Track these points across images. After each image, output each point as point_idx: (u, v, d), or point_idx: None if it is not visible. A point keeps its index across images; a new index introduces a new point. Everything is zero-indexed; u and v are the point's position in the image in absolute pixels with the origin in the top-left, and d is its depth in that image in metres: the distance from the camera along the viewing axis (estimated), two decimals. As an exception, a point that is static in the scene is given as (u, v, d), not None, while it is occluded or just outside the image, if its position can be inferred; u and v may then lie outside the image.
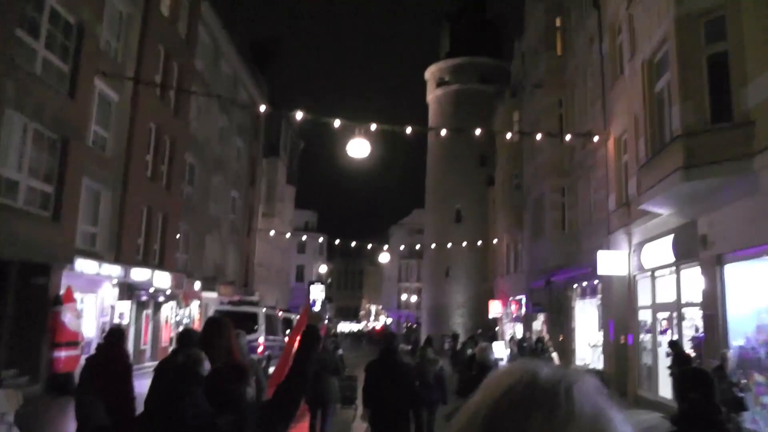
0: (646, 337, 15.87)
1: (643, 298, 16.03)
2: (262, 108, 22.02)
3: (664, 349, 14.48)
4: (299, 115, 16.87)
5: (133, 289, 20.24)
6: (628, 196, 17.29)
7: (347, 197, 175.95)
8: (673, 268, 13.78)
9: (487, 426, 0.73)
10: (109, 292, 19.12)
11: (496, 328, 39.36)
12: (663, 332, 14.65)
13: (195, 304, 27.11)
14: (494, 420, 0.73)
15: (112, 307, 19.15)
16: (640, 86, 14.12)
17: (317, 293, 37.70)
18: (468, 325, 46.64)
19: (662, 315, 14.83)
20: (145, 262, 21.29)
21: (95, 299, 18.58)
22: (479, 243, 41.57)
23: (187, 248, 26.93)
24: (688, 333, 13.18)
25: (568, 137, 19.93)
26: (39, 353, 14.27)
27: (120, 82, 18.93)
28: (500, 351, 28.14)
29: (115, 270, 18.71)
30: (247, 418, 2.85)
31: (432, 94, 54.99)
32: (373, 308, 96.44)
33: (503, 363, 27.52)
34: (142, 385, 5.44)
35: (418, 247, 52.68)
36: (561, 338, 24.49)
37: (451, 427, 0.79)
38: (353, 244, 39.79)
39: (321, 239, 52.76)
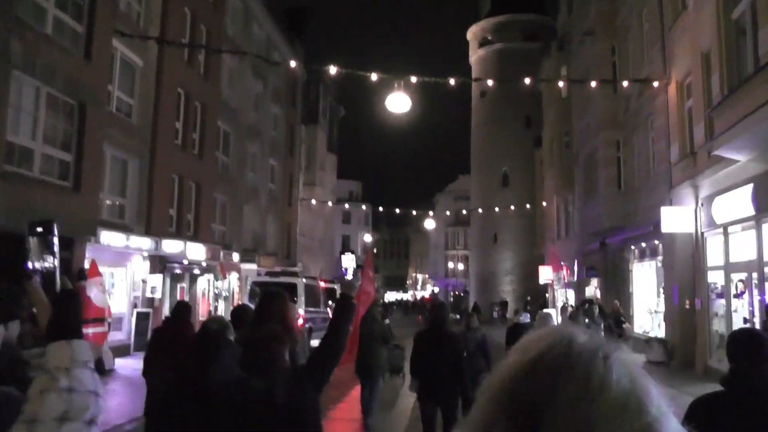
0: (717, 302, 14.30)
1: (714, 257, 14.40)
2: (293, 64, 20.90)
3: (740, 315, 12.94)
4: (333, 69, 15.68)
5: (166, 262, 19.58)
6: (694, 144, 15.57)
7: (391, 166, 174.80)
8: (753, 222, 12.13)
9: (521, 387, 0.73)
10: (139, 266, 18.48)
11: (547, 295, 37.87)
12: (739, 295, 13.06)
13: (234, 277, 26.47)
14: (529, 382, 0.73)
15: (144, 281, 18.51)
16: (713, 16, 12.39)
17: (349, 262, 37.02)
18: (517, 293, 45.31)
19: (738, 276, 13.21)
20: (178, 234, 20.60)
21: (125, 273, 17.95)
22: (527, 207, 39.88)
23: (224, 219, 26.23)
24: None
25: (625, 83, 18.14)
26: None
27: (144, 45, 18.01)
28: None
29: (144, 242, 18.02)
30: (279, 383, 2.85)
31: (475, 55, 53.07)
32: (420, 277, 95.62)
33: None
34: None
35: (464, 211, 51.18)
36: (618, 303, 22.94)
37: (485, 388, 0.79)
38: (397, 211, 38.65)
39: (364, 207, 51.72)
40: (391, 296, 79.42)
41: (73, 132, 14.26)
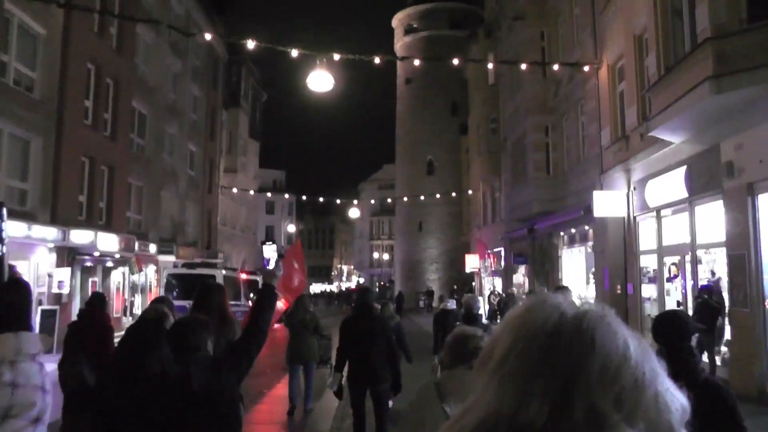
0: (649, 286, 14.32)
1: (646, 241, 14.41)
2: (208, 36, 19.60)
3: (673, 298, 12.95)
4: (252, 44, 14.64)
5: (75, 253, 18.00)
6: (626, 128, 15.56)
7: (315, 155, 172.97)
8: (686, 204, 12.09)
9: (547, 366, 0.73)
10: (44, 258, 16.84)
11: (473, 283, 38.00)
12: (671, 279, 13.06)
13: (151, 269, 24.94)
14: (554, 359, 0.74)
15: (50, 275, 16.90)
16: (648, -6, 12.19)
17: (270, 252, 36.37)
18: (443, 281, 45.35)
19: (671, 260, 13.22)
20: (88, 223, 18.99)
21: (27, 267, 16.32)
22: (453, 194, 39.85)
23: (139, 206, 24.60)
24: (705, 278, 11.56)
25: (555, 67, 17.97)
26: None
27: (47, 12, 16.33)
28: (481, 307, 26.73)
29: (50, 232, 16.43)
30: (195, 369, 2.87)
31: (401, 42, 52.56)
32: (345, 268, 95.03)
33: (483, 319, 26.04)
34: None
35: (389, 200, 50.81)
36: (545, 291, 23.05)
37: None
38: (321, 199, 37.75)
39: (287, 196, 50.39)
40: (316, 287, 78.41)
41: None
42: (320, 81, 14.91)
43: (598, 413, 0.70)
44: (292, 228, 70.62)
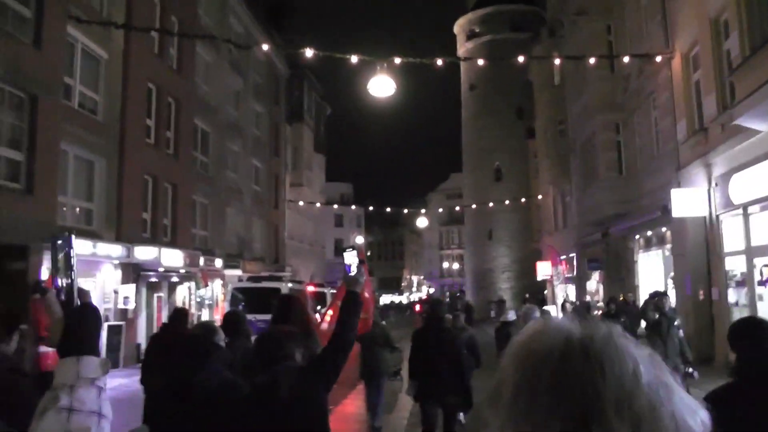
0: (738, 291, 13.05)
1: (732, 242, 13.17)
2: (265, 47, 19.62)
3: (766, 304, 11.71)
4: (310, 52, 14.42)
5: (140, 270, 18.22)
6: (704, 119, 14.37)
7: (382, 167, 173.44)
8: (778, 199, 10.91)
9: (562, 397, 0.70)
10: (110, 275, 17.09)
11: (545, 291, 36.65)
12: (764, 282, 11.82)
13: (217, 284, 25.12)
14: (547, 388, 0.71)
15: (116, 292, 17.12)
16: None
17: (351, 258, 35.66)
18: (515, 290, 44.09)
19: (762, 261, 11.98)
20: (153, 240, 19.22)
21: (94, 283, 16.58)
22: (522, 201, 38.66)
23: (205, 223, 24.88)
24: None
25: (626, 59, 16.88)
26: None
27: (108, 36, 16.71)
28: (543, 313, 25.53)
29: (115, 249, 16.64)
30: (283, 379, 2.88)
31: (463, 48, 51.92)
32: (415, 278, 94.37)
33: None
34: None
35: (457, 208, 50.04)
36: (621, 297, 21.71)
37: (491, 398, 0.78)
38: (388, 210, 37.40)
39: (354, 207, 50.29)
40: (386, 299, 78.13)
41: (24, 127, 12.92)
42: (382, 86, 14.52)
43: None
44: (360, 239, 70.76)
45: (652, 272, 19.41)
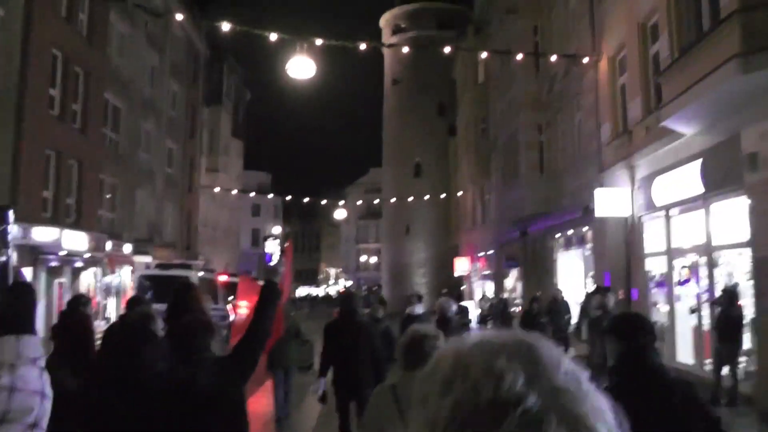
0: (658, 291, 13.31)
1: (653, 243, 13.41)
2: (179, 17, 18.53)
3: (685, 304, 11.96)
4: (228, 26, 13.57)
5: (38, 253, 16.72)
6: (628, 122, 14.60)
7: (301, 158, 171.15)
8: (700, 202, 11.10)
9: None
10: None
11: (462, 288, 37.00)
12: (683, 283, 12.07)
13: (126, 270, 23.64)
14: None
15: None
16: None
17: (272, 247, 35.19)
18: (431, 285, 44.27)
19: (681, 262, 12.23)
20: (55, 220, 17.71)
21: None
22: (442, 196, 38.84)
23: (113, 205, 23.34)
24: (723, 283, 10.56)
25: (553, 58, 16.98)
26: None
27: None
28: (471, 312, 25.65)
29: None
30: (202, 372, 2.83)
31: (388, 42, 51.65)
32: (332, 271, 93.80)
33: (473, 325, 24.85)
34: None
35: (376, 201, 49.82)
36: (539, 294, 22.04)
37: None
38: (306, 199, 36.59)
39: (271, 196, 49.03)
40: (303, 291, 77.20)
41: None
42: (301, 67, 13.91)
43: (556, 386, 0.71)
44: (277, 229, 69.53)
45: (571, 271, 19.73)
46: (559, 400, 0.71)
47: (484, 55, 18.04)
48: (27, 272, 15.72)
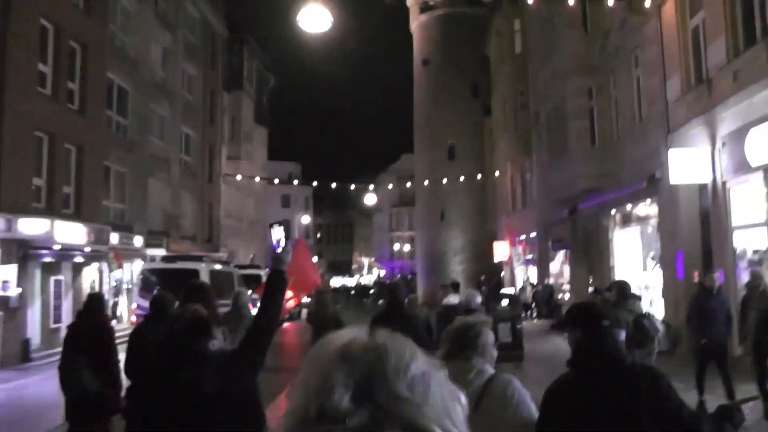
0: (749, 271, 10.84)
1: (744, 213, 10.96)
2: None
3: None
4: None
5: (27, 247, 14.95)
6: (706, 71, 12.11)
7: (331, 147, 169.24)
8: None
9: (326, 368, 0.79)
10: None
11: (502, 274, 34.65)
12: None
13: (138, 265, 21.89)
14: (333, 364, 0.80)
15: (-11, 274, 13.85)
16: None
17: (278, 234, 33.38)
18: (469, 272, 41.95)
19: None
20: (50, 211, 15.94)
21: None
22: (479, 177, 36.37)
23: (122, 195, 21.60)
24: None
25: (610, 2, 14.44)
26: None
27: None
28: (512, 299, 23.32)
29: (-14, 219, 13.39)
30: (207, 372, 2.78)
31: (416, 22, 49.21)
32: (366, 261, 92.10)
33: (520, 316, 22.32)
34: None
35: (408, 185, 47.69)
36: (591, 281, 19.63)
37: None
38: (333, 185, 34.57)
39: (296, 183, 47.03)
40: (337, 282, 75.68)
41: None
42: (315, 19, 11.76)
43: (397, 395, 0.76)
44: (306, 219, 68.00)
45: (629, 251, 17.31)
46: (398, 409, 0.74)
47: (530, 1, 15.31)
48: (9, 270, 13.94)
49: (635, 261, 16.95)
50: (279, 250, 3.71)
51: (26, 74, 15.18)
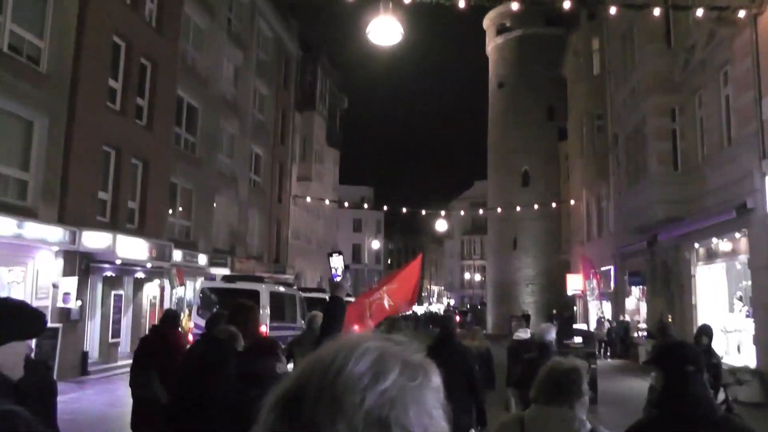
0: None
1: None
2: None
3: None
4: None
5: (90, 261, 15.04)
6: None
7: (403, 172, 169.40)
8: None
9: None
10: (48, 265, 13.86)
11: (575, 308, 32.91)
12: None
13: (200, 283, 21.87)
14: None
15: (55, 286, 13.89)
16: None
17: (337, 263, 32.41)
18: (540, 304, 40.34)
19: None
20: (114, 225, 16.06)
21: (24, 274, 13.43)
22: (553, 205, 34.94)
23: (188, 211, 21.74)
24: None
25: (699, 12, 13.28)
26: None
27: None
28: (586, 335, 21.83)
29: (52, 232, 13.47)
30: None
31: (492, 44, 48.60)
32: (436, 289, 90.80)
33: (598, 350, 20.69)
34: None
35: (481, 212, 46.58)
36: (670, 319, 18.03)
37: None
38: (404, 210, 34.01)
39: (366, 206, 46.83)
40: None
41: None
42: (385, 31, 11.28)
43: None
44: (376, 244, 67.73)
45: (714, 289, 15.81)
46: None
47: (614, 10, 14.27)
48: (71, 282, 14.00)
49: (720, 300, 15.48)
50: (338, 278, 3.70)
51: (97, 89, 15.44)
